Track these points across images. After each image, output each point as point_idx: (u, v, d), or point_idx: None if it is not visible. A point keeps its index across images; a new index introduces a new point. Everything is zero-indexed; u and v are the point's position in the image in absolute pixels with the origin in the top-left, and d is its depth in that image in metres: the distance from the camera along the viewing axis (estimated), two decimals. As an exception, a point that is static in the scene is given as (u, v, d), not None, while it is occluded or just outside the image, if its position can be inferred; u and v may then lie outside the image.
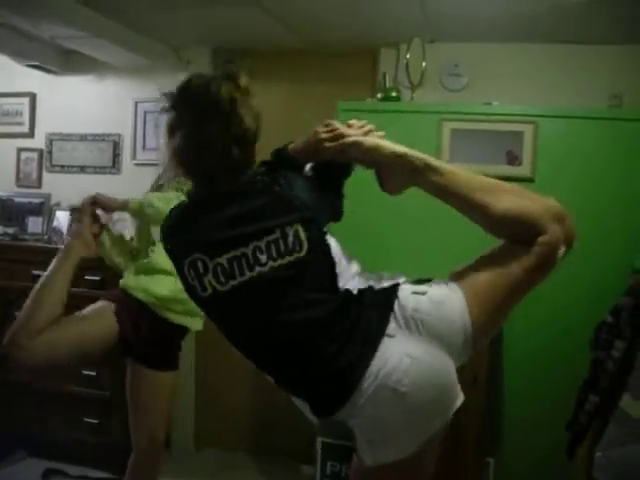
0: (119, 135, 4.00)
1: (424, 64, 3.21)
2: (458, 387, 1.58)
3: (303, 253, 1.55)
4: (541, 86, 3.27)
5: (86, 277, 3.21)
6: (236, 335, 1.65)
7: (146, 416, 2.56)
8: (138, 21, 3.40)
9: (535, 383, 2.95)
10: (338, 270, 1.61)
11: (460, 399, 1.58)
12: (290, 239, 1.55)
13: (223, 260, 1.56)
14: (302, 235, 1.56)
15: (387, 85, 3.20)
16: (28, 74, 4.11)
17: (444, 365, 1.53)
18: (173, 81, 1.72)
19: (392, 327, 1.50)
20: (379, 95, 3.18)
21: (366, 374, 1.48)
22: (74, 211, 3.19)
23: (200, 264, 1.57)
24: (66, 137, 4.10)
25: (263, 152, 1.79)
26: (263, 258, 1.54)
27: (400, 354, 1.47)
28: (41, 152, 4.16)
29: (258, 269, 1.54)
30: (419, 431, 1.55)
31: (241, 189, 1.62)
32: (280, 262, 1.54)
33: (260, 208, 1.58)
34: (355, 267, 1.68)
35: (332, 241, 1.65)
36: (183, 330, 2.59)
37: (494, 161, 3.01)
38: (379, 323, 1.51)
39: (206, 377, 4.04)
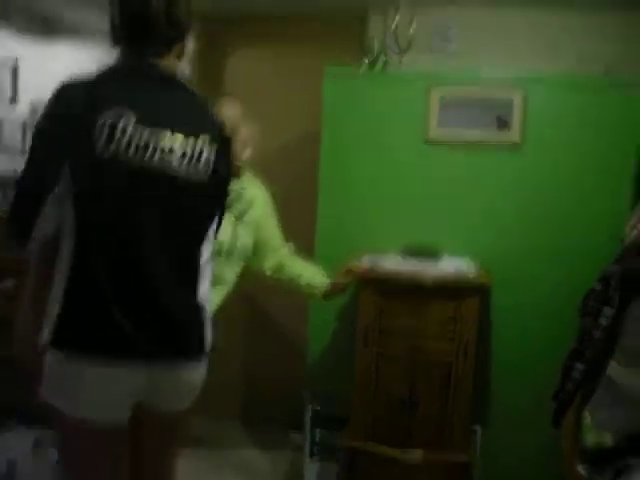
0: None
1: (412, 29, 3.15)
2: None
3: (207, 176, 1.61)
4: (531, 52, 3.21)
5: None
6: (99, 217, 1.51)
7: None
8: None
9: (522, 356, 2.98)
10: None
11: None
12: (205, 155, 1.60)
13: (145, 131, 1.51)
14: (212, 159, 1.62)
15: (375, 50, 3.15)
16: (8, 39, 4.02)
17: None
18: None
19: None
20: (366, 60, 3.13)
21: None
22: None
23: (124, 120, 1.49)
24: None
25: (252, 116, 1.77)
26: (178, 154, 1.55)
27: None
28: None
29: (168, 163, 1.54)
30: None
31: (173, 78, 1.63)
32: (187, 170, 1.57)
33: (190, 109, 1.63)
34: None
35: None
36: None
37: (483, 126, 2.98)
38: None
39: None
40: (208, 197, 1.64)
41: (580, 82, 2.90)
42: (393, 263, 2.79)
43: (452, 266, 2.74)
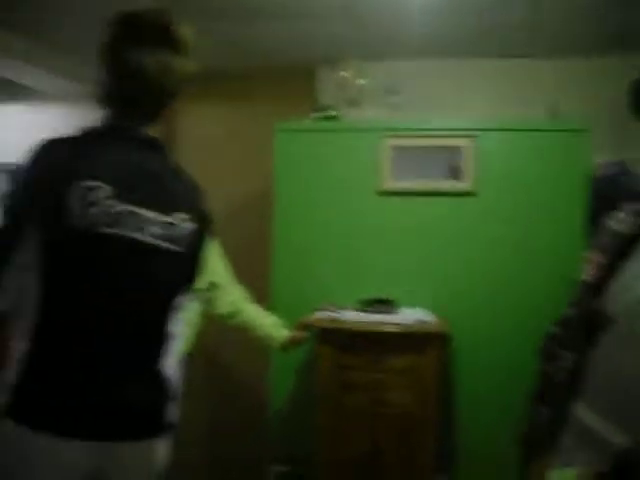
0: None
1: (362, 82, 3.18)
2: None
3: (182, 250, 1.58)
4: (480, 100, 3.29)
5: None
6: (65, 286, 1.46)
7: None
8: (67, 44, 3.29)
9: (486, 400, 2.92)
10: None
11: None
12: (180, 231, 1.57)
13: (119, 206, 1.48)
14: (190, 236, 1.60)
15: (324, 104, 3.16)
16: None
17: None
18: None
19: None
20: (317, 114, 3.14)
21: None
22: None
23: (98, 193, 1.45)
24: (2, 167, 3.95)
25: (203, 176, 1.76)
26: (151, 230, 1.52)
27: None
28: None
29: (140, 235, 1.51)
30: None
31: (157, 145, 1.61)
32: (160, 244, 1.54)
33: (171, 183, 1.60)
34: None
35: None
36: None
37: (436, 176, 2.99)
38: None
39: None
40: (177, 270, 1.60)
41: (526, 125, 2.93)
42: (351, 316, 2.74)
43: (411, 317, 2.70)
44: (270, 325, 2.63)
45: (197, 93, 3.77)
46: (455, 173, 2.98)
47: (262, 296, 3.05)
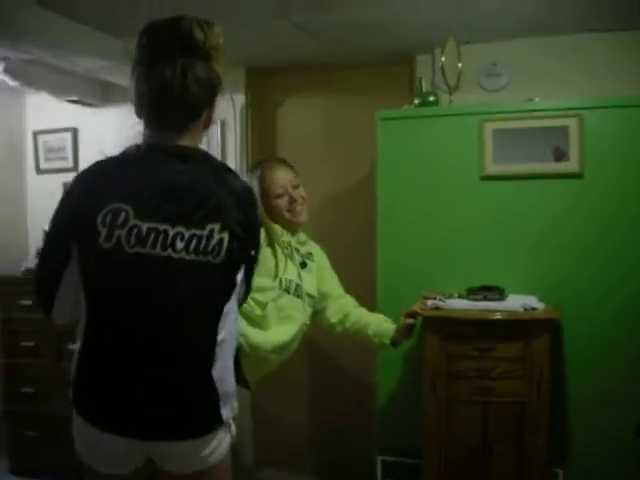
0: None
1: (460, 65, 3.13)
2: None
3: (218, 260, 1.55)
4: (583, 78, 3.16)
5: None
6: (105, 300, 1.57)
7: None
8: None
9: (602, 389, 2.81)
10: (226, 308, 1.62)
11: None
12: (213, 242, 1.55)
13: (144, 226, 1.51)
14: (225, 245, 1.56)
15: (424, 90, 3.13)
16: (69, 109, 4.17)
17: None
18: None
19: None
20: (416, 101, 3.11)
21: None
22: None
23: (123, 215, 1.51)
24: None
25: (306, 169, 1.75)
26: (180, 246, 1.52)
27: None
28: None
29: (170, 252, 1.52)
30: None
31: (188, 153, 1.59)
32: (193, 257, 1.53)
33: (201, 192, 1.56)
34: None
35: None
36: None
37: (540, 159, 2.90)
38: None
39: (262, 398, 3.99)
40: (213, 280, 1.59)
41: (635, 102, 2.79)
42: (457, 304, 2.71)
43: (519, 304, 2.64)
44: (378, 322, 2.63)
45: (298, 85, 3.83)
46: (560, 155, 2.89)
47: (369, 285, 3.09)
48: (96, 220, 1.52)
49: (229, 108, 3.86)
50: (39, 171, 4.36)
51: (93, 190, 1.56)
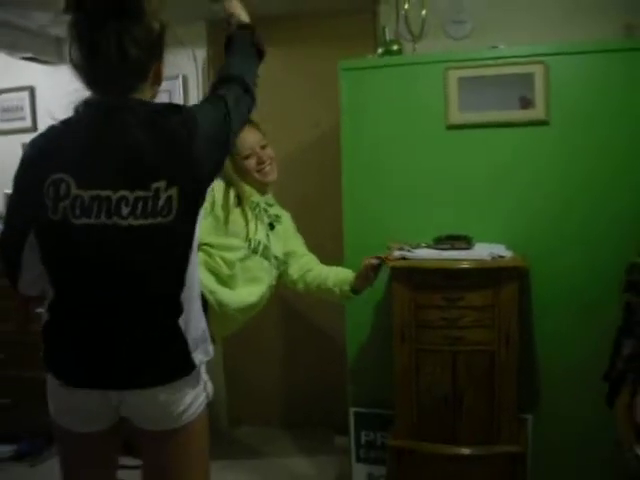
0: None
1: (424, 13, 3.08)
2: None
3: (170, 219, 1.49)
4: (549, 25, 3.12)
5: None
6: (63, 268, 1.57)
7: None
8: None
9: (568, 335, 2.85)
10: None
11: None
12: (160, 202, 1.48)
13: (86, 195, 1.47)
14: (175, 203, 1.49)
15: (387, 39, 3.07)
16: (25, 67, 4.05)
17: None
18: (169, 61, 1.64)
19: None
20: (380, 50, 3.05)
21: None
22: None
23: (64, 186, 1.48)
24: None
25: (271, 126, 1.69)
26: (125, 211, 1.47)
27: None
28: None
29: (115, 219, 1.47)
30: None
31: (129, 108, 1.51)
32: (142, 222, 1.48)
33: (144, 150, 1.48)
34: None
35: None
36: None
37: (506, 107, 2.87)
38: None
39: (234, 356, 4.01)
40: (166, 240, 1.53)
41: (601, 47, 2.75)
42: (424, 254, 2.71)
43: (486, 252, 2.64)
44: (338, 271, 2.63)
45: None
46: (526, 102, 2.86)
47: (335, 238, 3.07)
48: (42, 192, 1.49)
49: (191, 63, 3.77)
50: (-5, 131, 4.24)
51: (38, 161, 1.54)
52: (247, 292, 2.43)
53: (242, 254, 2.42)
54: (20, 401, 3.60)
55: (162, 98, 3.74)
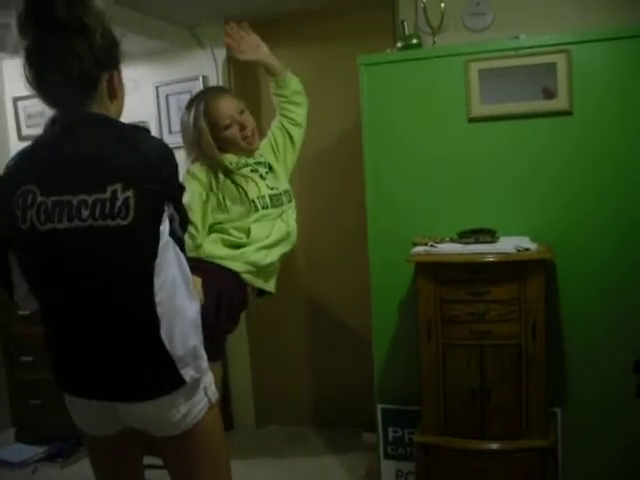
0: (144, 122, 3.92)
1: (443, 6, 3.06)
2: None
3: (128, 220, 1.49)
4: (570, 12, 3.08)
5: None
6: (38, 278, 1.63)
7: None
8: (148, 4, 3.34)
9: (597, 328, 2.80)
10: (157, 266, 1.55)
11: None
12: (118, 204, 1.48)
13: (49, 201, 1.52)
14: (132, 203, 1.48)
15: (407, 33, 3.05)
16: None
17: None
18: (190, 62, 1.64)
19: None
20: (399, 44, 3.03)
21: None
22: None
23: (31, 196, 1.53)
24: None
25: None
26: (85, 214, 1.49)
27: None
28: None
29: (77, 222, 1.50)
30: None
31: (86, 121, 1.55)
32: (100, 223, 1.49)
33: (101, 155, 1.51)
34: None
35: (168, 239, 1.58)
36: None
37: (529, 97, 2.83)
38: None
39: (261, 355, 4.02)
40: (130, 241, 1.52)
41: (625, 33, 2.69)
42: (448, 248, 2.68)
43: (511, 245, 2.61)
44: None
45: (279, 36, 3.74)
46: (549, 93, 2.83)
47: (358, 230, 3.06)
48: (12, 205, 1.54)
49: (210, 63, 3.78)
50: (21, 137, 4.32)
51: (9, 177, 1.60)
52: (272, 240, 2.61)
53: (254, 217, 2.54)
54: (51, 403, 3.64)
55: (183, 99, 3.76)
